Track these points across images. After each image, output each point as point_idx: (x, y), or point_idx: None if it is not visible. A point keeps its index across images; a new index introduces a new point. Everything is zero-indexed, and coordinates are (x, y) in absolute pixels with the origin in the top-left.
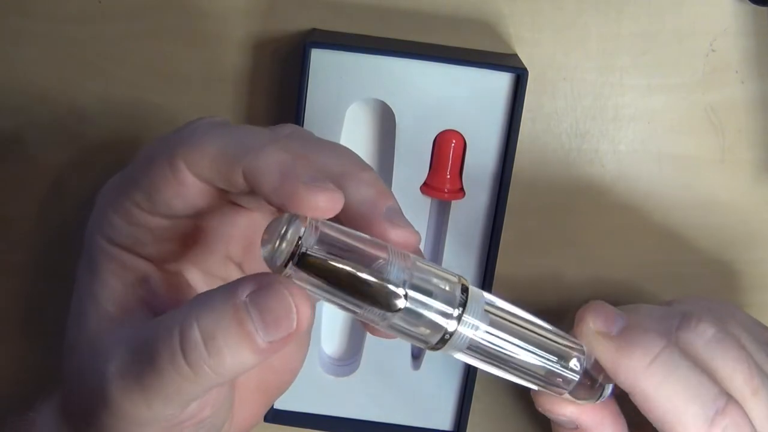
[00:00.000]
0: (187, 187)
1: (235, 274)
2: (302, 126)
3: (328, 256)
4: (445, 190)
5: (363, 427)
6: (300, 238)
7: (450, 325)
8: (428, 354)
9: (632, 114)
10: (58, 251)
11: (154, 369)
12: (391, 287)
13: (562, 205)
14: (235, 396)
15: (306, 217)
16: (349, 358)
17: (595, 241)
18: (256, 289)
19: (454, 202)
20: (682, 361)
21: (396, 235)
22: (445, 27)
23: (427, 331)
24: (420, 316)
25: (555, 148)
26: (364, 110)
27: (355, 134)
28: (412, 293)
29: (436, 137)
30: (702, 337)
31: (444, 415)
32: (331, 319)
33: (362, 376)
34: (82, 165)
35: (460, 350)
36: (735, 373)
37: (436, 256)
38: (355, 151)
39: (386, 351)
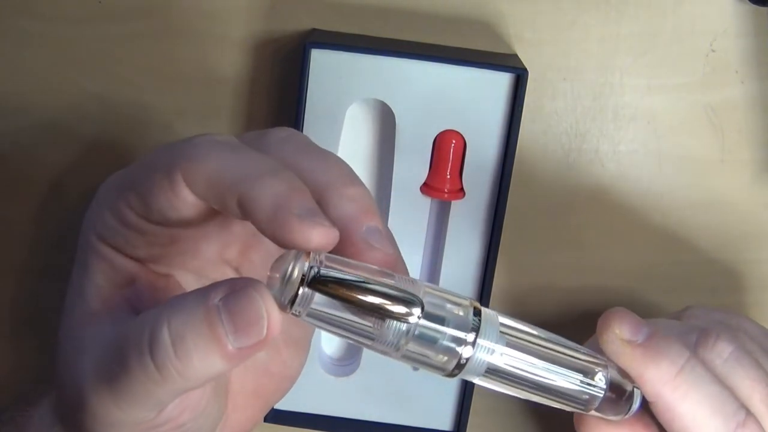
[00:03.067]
0: (182, 201)
1: (230, 277)
2: (302, 126)
3: (339, 276)
4: (445, 190)
5: (363, 427)
6: (304, 273)
7: (465, 351)
8: None
9: (632, 114)
10: (58, 251)
11: (123, 369)
12: (406, 294)
13: (562, 205)
14: (230, 401)
15: (310, 253)
16: (349, 358)
17: (595, 241)
18: (228, 293)
19: (454, 202)
20: (706, 374)
21: (370, 257)
22: (445, 27)
23: (443, 358)
24: (433, 342)
25: (555, 148)
26: (364, 110)
27: (355, 134)
28: (422, 323)
29: (436, 137)
30: (721, 356)
31: (444, 415)
32: None
33: (362, 376)
34: (82, 165)
35: (478, 375)
36: (753, 392)
37: (436, 256)
38: (354, 151)
39: None
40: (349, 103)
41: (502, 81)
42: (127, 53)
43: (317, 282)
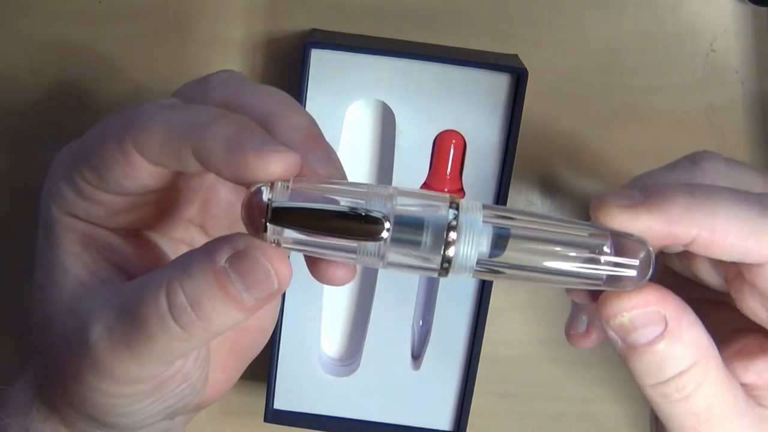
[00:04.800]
0: (138, 169)
1: (197, 236)
2: None
3: (299, 203)
4: (445, 190)
5: (363, 427)
6: (270, 200)
7: (448, 249)
8: (428, 354)
9: (632, 114)
10: None
11: (144, 333)
12: (370, 213)
13: (562, 206)
14: (210, 361)
15: (275, 182)
16: (349, 358)
17: None
18: (233, 254)
19: None
20: (712, 185)
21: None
22: (445, 27)
23: (427, 260)
24: (412, 244)
25: (555, 149)
26: (364, 110)
27: (355, 134)
28: (398, 226)
29: (436, 137)
30: (717, 164)
31: (444, 415)
32: (331, 319)
33: (362, 376)
34: None
35: (471, 270)
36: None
37: None
38: (354, 151)
39: (386, 351)
40: (349, 103)
41: (502, 81)
42: (127, 53)
43: (277, 216)
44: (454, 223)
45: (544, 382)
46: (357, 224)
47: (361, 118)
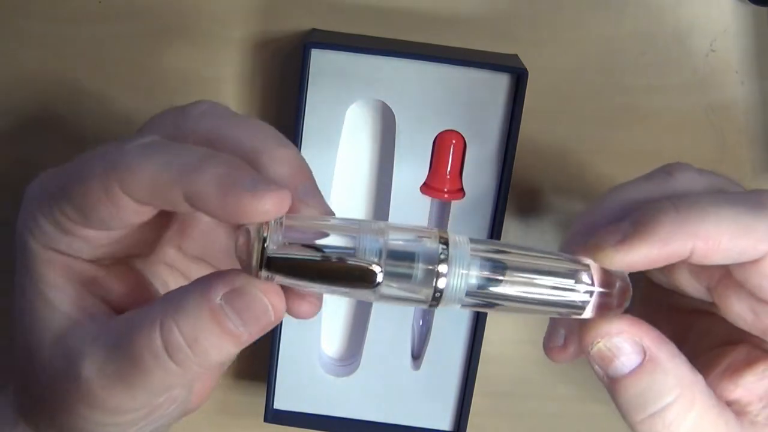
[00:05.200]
0: (123, 209)
1: (176, 257)
2: (302, 126)
3: (295, 254)
4: (445, 190)
5: (363, 427)
6: (264, 242)
7: (439, 282)
8: (428, 354)
9: (632, 114)
10: None
11: (138, 369)
12: (363, 264)
13: (562, 206)
14: None
15: (269, 223)
16: (349, 358)
17: None
18: (228, 291)
19: (454, 202)
20: (692, 194)
21: (309, 215)
22: (445, 27)
23: (418, 292)
24: (404, 279)
25: (555, 149)
26: (364, 110)
27: (355, 134)
28: (390, 261)
29: (436, 137)
30: (691, 170)
31: (444, 415)
32: (331, 320)
33: (362, 376)
34: None
35: (460, 302)
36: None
37: None
38: (354, 151)
39: (386, 351)
40: (349, 103)
41: (502, 81)
42: (127, 53)
43: (272, 264)
44: (444, 256)
45: (543, 382)
46: (351, 273)
47: (361, 118)
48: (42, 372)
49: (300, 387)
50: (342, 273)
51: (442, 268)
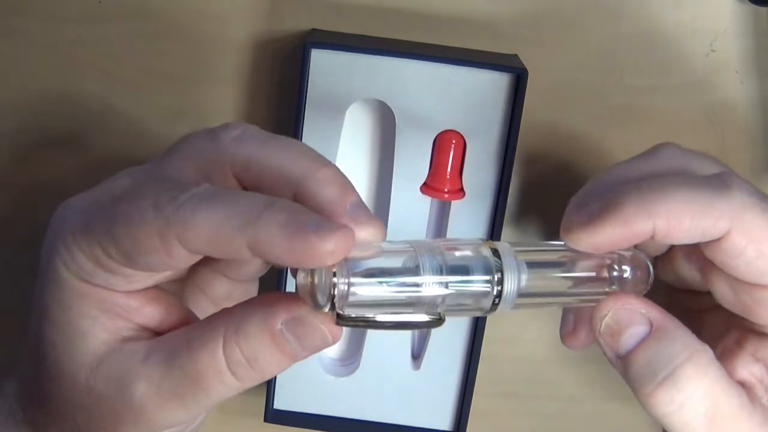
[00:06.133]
0: (177, 257)
1: (208, 275)
2: (302, 126)
3: (363, 313)
4: (445, 190)
5: (363, 427)
6: (333, 297)
7: (496, 290)
8: (428, 354)
9: (632, 114)
10: None
11: (200, 387)
12: (429, 319)
13: (562, 206)
14: None
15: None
16: (349, 358)
17: None
18: (289, 318)
19: (454, 202)
20: (660, 177)
21: (362, 234)
22: (445, 27)
23: (479, 303)
24: (466, 296)
25: (555, 149)
26: (364, 110)
27: (355, 134)
28: (452, 278)
29: (436, 137)
30: (674, 149)
31: (444, 415)
32: None
33: (362, 376)
34: (82, 165)
35: (513, 304)
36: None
37: None
38: (354, 151)
39: (386, 351)
40: (349, 103)
41: (502, 81)
42: (127, 53)
43: (342, 320)
44: (498, 265)
45: (543, 382)
46: (418, 323)
47: (361, 118)
48: (79, 398)
49: (300, 387)
50: (408, 323)
51: (497, 277)
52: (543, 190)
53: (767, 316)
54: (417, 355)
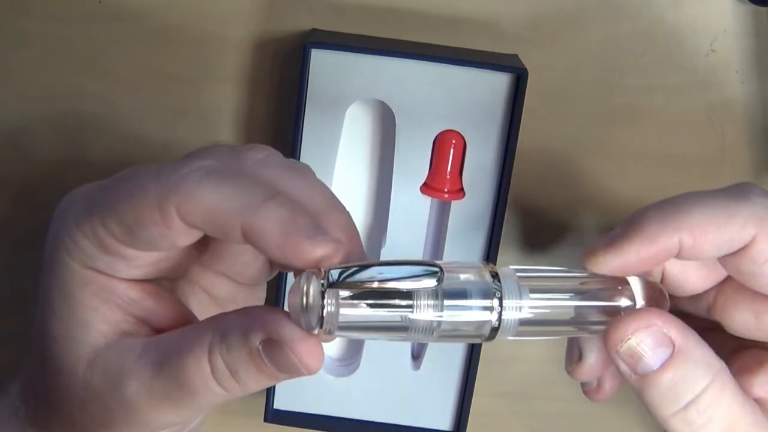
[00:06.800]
0: (175, 231)
1: (211, 277)
2: (302, 126)
3: (352, 334)
4: (445, 190)
5: (363, 427)
6: (323, 299)
7: (494, 316)
8: (428, 354)
9: (632, 114)
10: None
11: (188, 391)
12: (425, 262)
13: (562, 206)
14: None
15: (320, 270)
16: (349, 358)
17: None
18: (266, 340)
19: (454, 202)
20: (680, 194)
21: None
22: (445, 27)
23: (476, 329)
24: (462, 322)
25: (555, 149)
26: (364, 110)
27: (355, 134)
28: (448, 302)
29: (436, 137)
30: None
31: (444, 415)
32: None
33: (362, 376)
34: (82, 165)
35: (514, 333)
36: None
37: (436, 256)
38: (354, 151)
39: (386, 351)
40: (349, 103)
41: (502, 81)
42: (127, 53)
43: (337, 284)
44: (497, 291)
45: (543, 382)
46: (415, 327)
47: (361, 118)
48: (76, 391)
49: (300, 387)
50: (404, 325)
51: (497, 303)
52: (543, 190)
53: None
54: (417, 356)
